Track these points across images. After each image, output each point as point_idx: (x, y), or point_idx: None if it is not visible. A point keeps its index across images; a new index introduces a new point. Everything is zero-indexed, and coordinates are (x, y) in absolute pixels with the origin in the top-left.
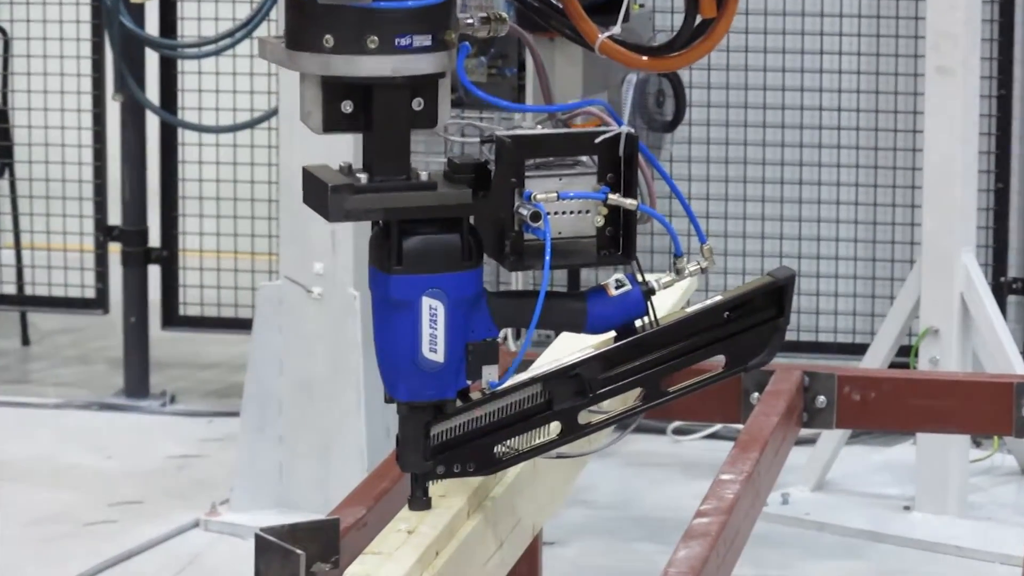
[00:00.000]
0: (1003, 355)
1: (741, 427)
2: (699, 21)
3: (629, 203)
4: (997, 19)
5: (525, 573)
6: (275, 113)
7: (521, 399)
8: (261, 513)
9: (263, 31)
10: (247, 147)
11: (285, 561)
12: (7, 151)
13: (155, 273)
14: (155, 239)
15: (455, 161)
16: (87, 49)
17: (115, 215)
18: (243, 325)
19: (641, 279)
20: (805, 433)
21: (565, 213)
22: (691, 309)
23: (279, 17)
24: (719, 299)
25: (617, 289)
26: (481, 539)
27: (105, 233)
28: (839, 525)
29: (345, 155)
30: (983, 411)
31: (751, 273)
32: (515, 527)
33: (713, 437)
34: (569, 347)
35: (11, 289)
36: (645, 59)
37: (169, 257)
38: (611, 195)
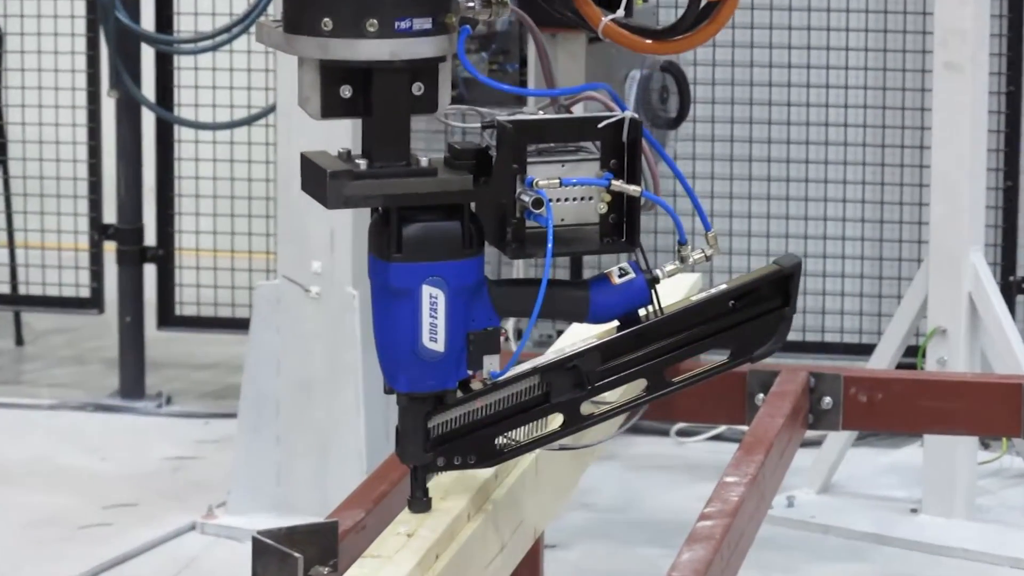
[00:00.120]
0: (1012, 355)
1: (746, 429)
2: (704, 3)
3: (633, 190)
4: (1006, 14)
5: None
6: (273, 110)
7: (522, 390)
8: (258, 516)
9: None
10: (244, 144)
11: (283, 564)
12: (0, 148)
13: (151, 272)
14: (151, 237)
15: (456, 147)
16: (82, 44)
17: (110, 213)
18: (240, 325)
19: (645, 267)
20: (811, 435)
21: (568, 200)
22: (696, 298)
23: (276, 13)
24: (724, 287)
25: (620, 277)
26: (482, 542)
27: (100, 231)
28: (845, 528)
29: None
30: (991, 412)
31: None
32: (516, 530)
33: (717, 439)
34: (580, 337)
35: (5, 288)
36: (649, 42)
37: (165, 256)
38: (614, 181)
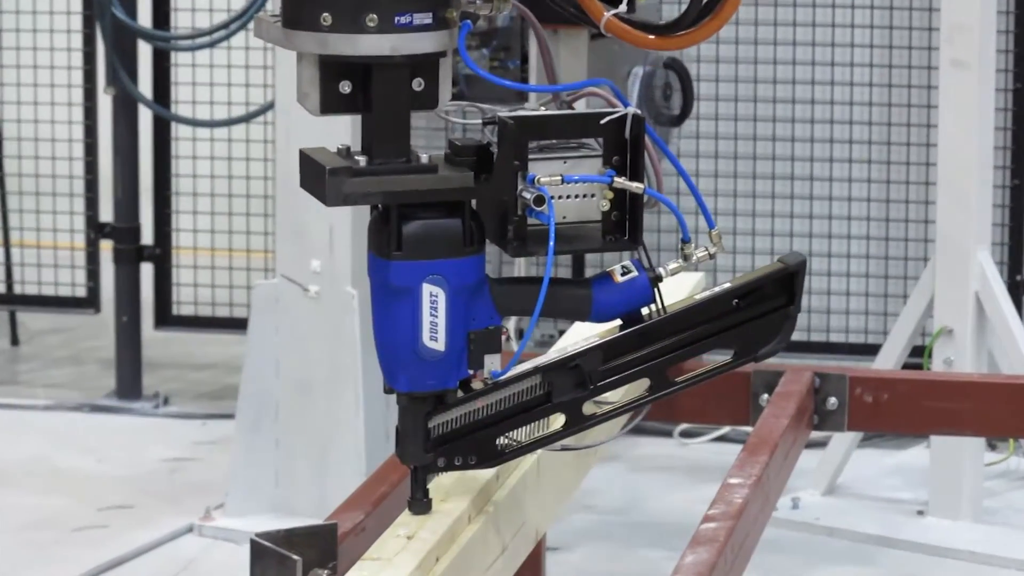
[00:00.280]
0: (1019, 355)
1: (750, 430)
2: None
3: (635, 187)
4: (1013, 10)
5: None
6: (271, 107)
7: (523, 390)
8: (257, 518)
9: None
10: (242, 142)
11: (281, 567)
12: None
13: (148, 271)
14: (148, 236)
15: (456, 143)
16: (78, 41)
17: (107, 211)
18: (238, 325)
19: (648, 265)
20: (816, 436)
21: (570, 197)
22: (699, 296)
23: (275, 8)
24: (728, 286)
25: (623, 276)
26: (483, 545)
27: (96, 230)
28: (850, 530)
29: None
30: (999, 413)
31: None
32: (518, 532)
33: (721, 440)
34: (582, 336)
35: (0, 288)
36: (652, 38)
37: (162, 255)
38: (617, 178)
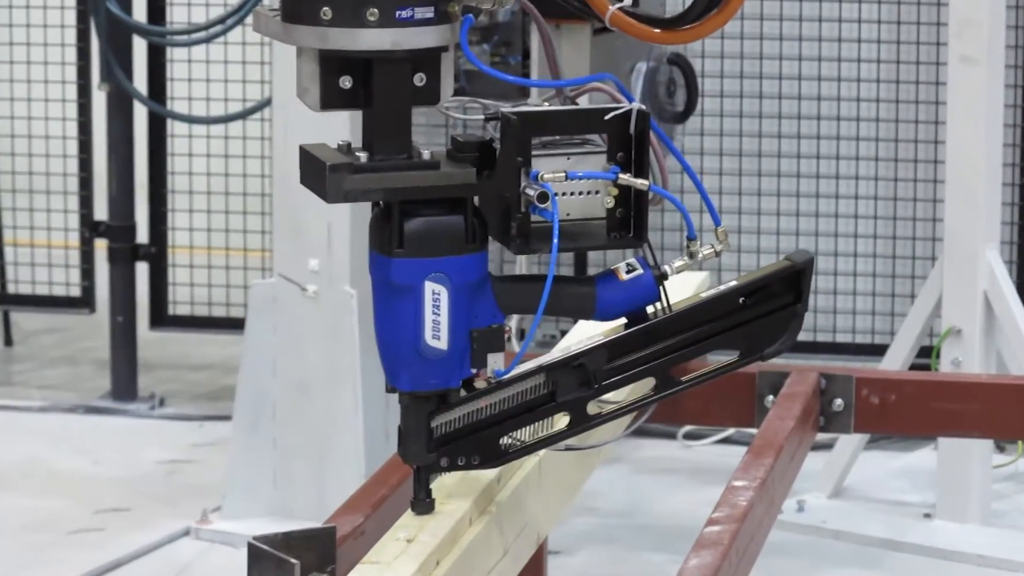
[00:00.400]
0: None
1: (755, 431)
2: None
3: (640, 183)
4: (1022, 5)
5: None
6: (268, 103)
7: (527, 389)
8: (254, 521)
9: None
10: (239, 139)
11: (279, 571)
12: None
13: (143, 271)
14: (143, 235)
15: (459, 139)
16: (72, 36)
17: (101, 210)
18: (235, 325)
19: (653, 263)
20: (822, 438)
21: (574, 194)
22: (705, 294)
23: (273, 2)
24: (734, 284)
25: (628, 273)
26: (484, 548)
27: (91, 229)
28: (857, 533)
29: None
30: (1007, 414)
31: None
32: (519, 535)
33: (726, 442)
34: (586, 334)
35: None
36: (658, 32)
37: (158, 254)
38: (621, 175)
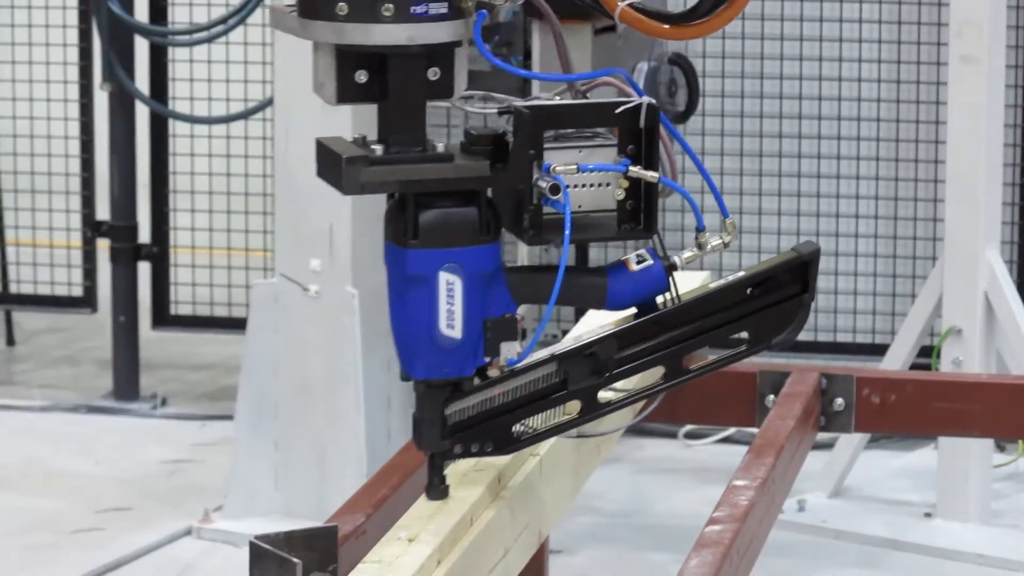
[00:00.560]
0: None
1: (756, 431)
2: None
3: (650, 175)
4: (1023, 6)
5: None
6: (270, 103)
7: (539, 377)
8: (256, 520)
9: (257, 17)
10: (241, 139)
11: (281, 570)
12: None
13: (145, 270)
14: (145, 235)
15: (472, 132)
16: (74, 36)
17: (103, 210)
18: (237, 325)
19: (663, 254)
20: (822, 437)
21: (585, 186)
22: (713, 285)
23: (272, 3)
24: (742, 275)
25: (638, 264)
26: (485, 547)
27: (93, 229)
28: (857, 533)
29: None
30: (1008, 414)
31: None
32: (521, 534)
33: (726, 441)
34: (596, 324)
35: None
36: (667, 27)
37: (160, 254)
38: (632, 167)
